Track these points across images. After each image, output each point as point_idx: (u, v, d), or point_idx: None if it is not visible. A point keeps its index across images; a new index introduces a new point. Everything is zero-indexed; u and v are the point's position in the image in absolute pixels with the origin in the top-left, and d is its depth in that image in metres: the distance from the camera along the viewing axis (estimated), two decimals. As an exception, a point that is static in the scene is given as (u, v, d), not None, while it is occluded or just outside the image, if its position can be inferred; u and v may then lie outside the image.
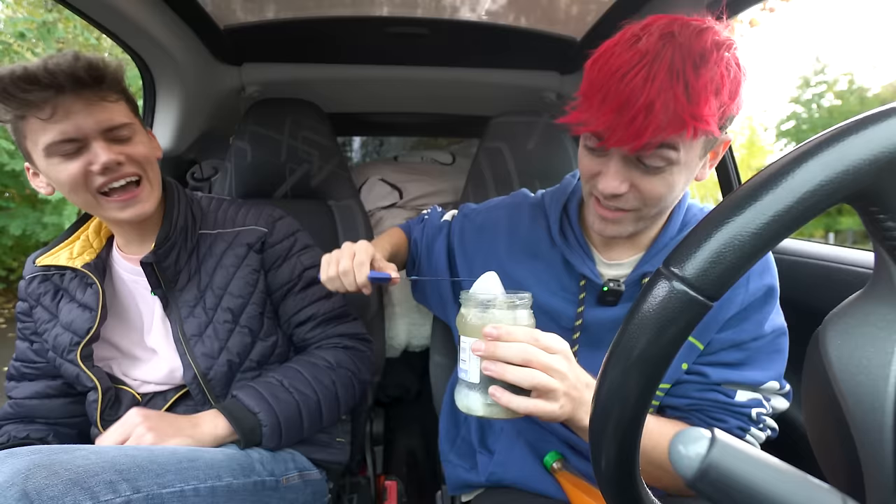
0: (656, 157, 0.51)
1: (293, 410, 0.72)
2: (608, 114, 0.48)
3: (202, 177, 1.40)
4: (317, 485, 0.79)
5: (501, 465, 0.71)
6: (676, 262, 0.24)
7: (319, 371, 0.76)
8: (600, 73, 0.49)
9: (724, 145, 0.56)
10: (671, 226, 0.63)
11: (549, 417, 0.48)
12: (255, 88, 1.28)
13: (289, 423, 0.71)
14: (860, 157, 0.21)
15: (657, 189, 0.54)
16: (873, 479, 0.22)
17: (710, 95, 0.46)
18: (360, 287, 0.65)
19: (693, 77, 0.46)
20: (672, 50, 0.46)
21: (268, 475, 0.68)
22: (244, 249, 0.78)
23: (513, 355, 0.46)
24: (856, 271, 0.76)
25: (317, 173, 1.16)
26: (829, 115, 10.19)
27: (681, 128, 0.47)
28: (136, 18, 0.90)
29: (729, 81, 0.47)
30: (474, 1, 1.04)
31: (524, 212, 0.74)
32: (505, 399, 0.47)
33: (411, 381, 1.58)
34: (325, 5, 1.05)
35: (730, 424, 0.58)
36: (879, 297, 0.24)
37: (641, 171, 0.53)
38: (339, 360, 0.79)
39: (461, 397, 0.52)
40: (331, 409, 0.76)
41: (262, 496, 0.67)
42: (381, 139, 2.22)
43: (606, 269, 0.66)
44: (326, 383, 0.76)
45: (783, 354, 0.59)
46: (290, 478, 0.72)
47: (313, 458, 0.80)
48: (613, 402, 0.26)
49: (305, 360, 0.78)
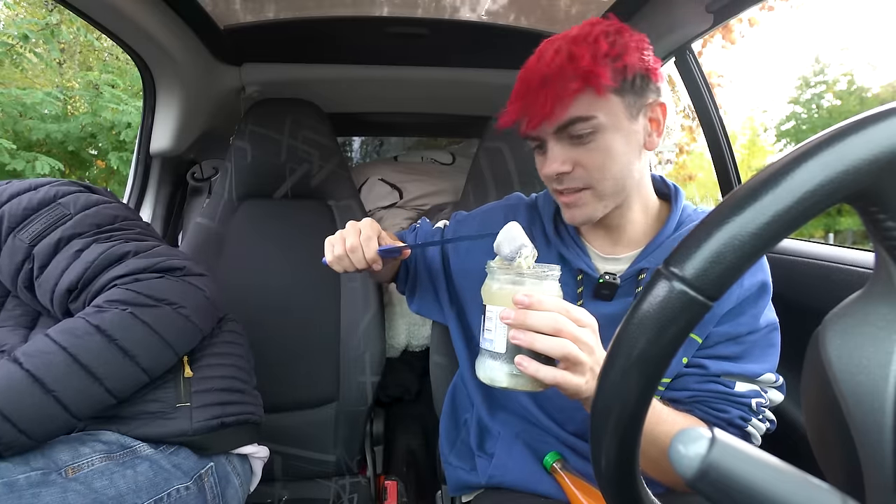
0: (579, 128, 0.57)
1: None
2: (518, 100, 0.59)
3: (202, 177, 1.40)
4: (154, 461, 0.62)
5: (501, 467, 0.71)
6: (676, 262, 0.24)
7: None
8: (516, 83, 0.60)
9: (662, 109, 0.61)
10: (668, 224, 0.64)
11: (574, 391, 0.47)
12: (255, 88, 1.28)
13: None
14: (860, 157, 0.21)
15: (596, 159, 0.58)
16: (873, 479, 0.22)
17: (593, 54, 0.55)
18: (369, 263, 0.64)
19: (574, 46, 0.56)
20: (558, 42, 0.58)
21: (27, 472, 0.53)
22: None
23: (544, 324, 0.45)
24: (856, 271, 0.76)
25: (317, 173, 1.16)
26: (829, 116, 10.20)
27: (575, 87, 0.55)
28: (135, 18, 0.91)
29: (611, 43, 0.56)
30: (474, 1, 1.04)
31: (521, 213, 0.75)
32: (533, 368, 0.46)
33: (411, 381, 1.58)
34: (325, 5, 1.05)
35: (732, 414, 0.58)
36: (879, 297, 0.24)
37: (576, 145, 0.59)
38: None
39: (484, 368, 0.50)
40: None
41: (20, 498, 0.50)
42: (381, 139, 2.22)
43: (603, 263, 0.67)
44: None
45: (776, 348, 0.61)
46: (83, 465, 0.57)
47: (138, 433, 0.63)
48: (613, 401, 0.26)
49: None
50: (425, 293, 0.85)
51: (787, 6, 4.57)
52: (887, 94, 9.47)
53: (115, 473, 0.58)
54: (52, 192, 0.67)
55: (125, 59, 5.10)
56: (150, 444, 0.63)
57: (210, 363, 0.72)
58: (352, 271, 0.66)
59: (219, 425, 0.68)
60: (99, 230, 0.67)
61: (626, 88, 0.57)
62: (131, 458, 0.60)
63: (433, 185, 1.53)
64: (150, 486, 0.60)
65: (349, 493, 1.00)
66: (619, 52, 0.56)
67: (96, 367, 0.58)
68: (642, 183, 0.65)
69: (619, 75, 0.56)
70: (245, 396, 0.75)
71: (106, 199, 0.72)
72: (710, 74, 1.73)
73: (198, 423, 0.65)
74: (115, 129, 4.17)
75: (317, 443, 1.06)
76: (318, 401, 1.07)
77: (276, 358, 1.02)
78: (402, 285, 0.88)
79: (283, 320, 1.07)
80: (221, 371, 0.72)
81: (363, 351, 1.08)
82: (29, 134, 3.93)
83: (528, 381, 0.48)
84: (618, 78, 0.56)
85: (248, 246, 1.10)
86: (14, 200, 0.65)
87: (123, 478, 0.58)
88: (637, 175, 0.62)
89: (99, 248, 0.65)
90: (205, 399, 0.68)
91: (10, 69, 4.26)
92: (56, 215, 0.65)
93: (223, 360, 0.74)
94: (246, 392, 0.76)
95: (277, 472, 1.04)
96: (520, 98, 0.59)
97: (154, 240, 0.72)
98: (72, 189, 0.69)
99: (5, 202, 0.65)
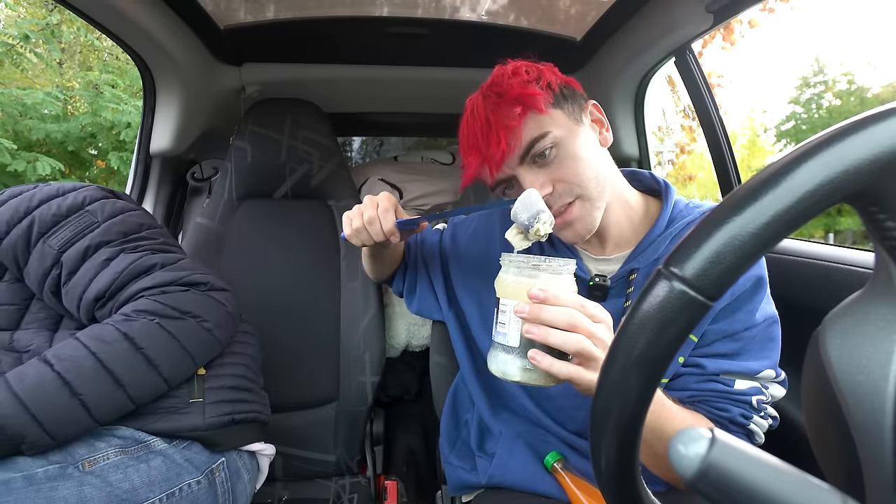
0: (539, 148, 0.59)
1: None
2: (474, 154, 0.61)
3: (202, 177, 1.40)
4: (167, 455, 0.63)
5: (501, 466, 0.71)
6: (676, 262, 0.24)
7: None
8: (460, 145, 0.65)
9: (595, 107, 0.66)
10: (659, 222, 0.64)
11: (587, 386, 0.46)
12: (255, 88, 1.28)
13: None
14: (860, 157, 0.21)
15: (570, 169, 0.60)
16: (873, 479, 0.22)
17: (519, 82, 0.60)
18: (387, 235, 0.64)
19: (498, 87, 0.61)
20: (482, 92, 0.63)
21: (45, 466, 0.54)
22: None
23: (558, 319, 0.45)
24: (856, 271, 0.76)
25: (317, 173, 1.16)
26: (829, 116, 10.19)
27: (519, 112, 0.58)
28: (135, 19, 0.91)
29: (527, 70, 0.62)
30: (474, 1, 1.04)
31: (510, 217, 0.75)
32: (546, 363, 0.46)
33: (411, 381, 1.58)
34: (325, 5, 1.05)
35: (733, 413, 0.58)
36: (879, 297, 0.24)
37: (544, 167, 0.61)
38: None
39: (497, 362, 0.50)
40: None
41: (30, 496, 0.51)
42: (381, 139, 2.22)
43: (594, 264, 0.68)
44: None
45: (776, 342, 0.60)
46: (98, 459, 0.58)
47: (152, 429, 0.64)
48: (613, 401, 0.26)
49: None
50: (424, 293, 0.85)
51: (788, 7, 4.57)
52: (887, 94, 9.47)
53: (129, 467, 0.59)
54: (80, 197, 0.69)
55: (125, 59, 5.10)
56: (164, 439, 0.64)
57: (222, 362, 0.73)
58: (370, 245, 0.67)
59: (230, 421, 0.69)
60: (125, 239, 0.69)
61: (560, 99, 0.62)
62: (145, 452, 0.62)
63: (433, 185, 1.53)
64: (163, 480, 0.61)
65: (349, 493, 1.00)
66: (538, 75, 0.62)
67: (122, 374, 0.60)
68: (616, 181, 0.66)
69: (548, 91, 0.61)
70: (253, 395, 0.76)
71: (131, 206, 0.75)
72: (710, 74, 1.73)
73: (210, 419, 0.67)
74: (115, 129, 4.16)
75: (317, 443, 1.06)
76: (318, 401, 1.07)
77: (276, 358, 1.02)
78: (399, 285, 0.87)
79: (283, 320, 1.07)
80: (233, 370, 0.74)
81: (363, 351, 1.08)
82: (29, 134, 3.93)
83: (541, 376, 0.48)
84: (549, 94, 0.61)
85: (248, 246, 1.10)
86: (44, 206, 0.67)
87: (137, 472, 0.60)
88: (608, 172, 0.64)
89: (127, 259, 0.67)
90: (217, 396, 0.69)
91: (11, 69, 4.26)
92: (84, 223, 0.67)
93: (235, 359, 0.76)
94: (254, 391, 0.77)
95: (278, 471, 1.04)
96: (473, 149, 0.61)
97: (178, 251, 0.75)
98: (98, 195, 0.71)
99: (35, 207, 0.67)
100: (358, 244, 0.67)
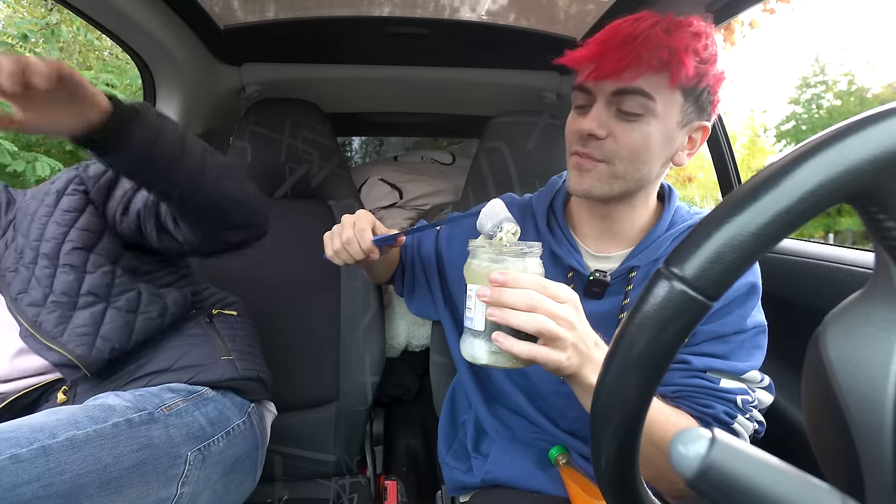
0: (635, 103, 0.56)
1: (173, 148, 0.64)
2: (597, 45, 0.56)
3: (202, 177, 1.40)
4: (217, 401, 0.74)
5: (496, 464, 0.72)
6: (676, 262, 0.24)
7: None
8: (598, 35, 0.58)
9: (704, 133, 0.61)
10: (661, 223, 0.64)
11: (554, 366, 0.47)
12: (255, 88, 1.28)
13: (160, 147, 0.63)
14: (860, 157, 0.21)
15: (633, 139, 0.57)
16: (873, 479, 0.22)
17: (688, 44, 0.54)
18: (366, 253, 0.64)
19: (674, 26, 0.55)
20: (660, 17, 0.56)
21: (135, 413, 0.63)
22: (54, 197, 0.76)
23: (518, 301, 0.45)
24: (856, 271, 0.76)
25: (317, 173, 1.16)
26: (829, 116, 10.19)
27: (657, 62, 0.54)
28: (135, 18, 0.91)
29: (704, 44, 0.55)
30: (474, 1, 1.04)
31: (514, 211, 0.75)
32: (508, 343, 0.46)
33: (411, 381, 1.58)
34: (325, 5, 1.05)
35: (717, 410, 0.58)
36: (879, 297, 0.24)
37: (620, 120, 0.58)
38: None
39: (466, 346, 0.51)
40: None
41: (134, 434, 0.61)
42: (381, 139, 2.22)
43: (594, 261, 0.67)
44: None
45: (762, 350, 0.60)
46: (172, 406, 0.68)
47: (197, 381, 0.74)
48: (613, 401, 0.26)
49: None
50: (422, 293, 0.85)
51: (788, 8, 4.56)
52: (887, 94, 9.47)
53: (195, 411, 0.70)
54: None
55: (125, 59, 5.09)
56: (211, 389, 0.75)
57: (234, 326, 0.86)
58: (352, 263, 0.67)
59: (255, 376, 0.81)
60: None
61: (692, 95, 0.57)
62: (201, 399, 0.72)
63: (433, 185, 1.53)
64: (220, 420, 0.72)
65: (349, 493, 1.00)
66: (708, 58, 0.56)
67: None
68: (654, 186, 0.65)
69: (696, 78, 0.56)
70: (258, 360, 0.87)
71: None
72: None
73: (243, 371, 0.79)
74: (114, 129, 4.16)
75: (317, 443, 1.06)
76: (318, 400, 1.07)
77: (276, 357, 1.02)
78: (399, 286, 0.88)
79: (283, 320, 1.07)
80: (243, 337, 0.86)
81: (363, 351, 1.08)
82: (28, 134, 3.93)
83: (508, 358, 0.48)
84: (693, 79, 0.55)
85: None
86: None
87: (203, 415, 0.70)
88: (655, 177, 0.62)
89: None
90: (240, 356, 0.82)
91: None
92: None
93: (243, 329, 0.87)
94: (259, 357, 0.88)
95: (277, 471, 1.04)
96: (599, 44, 0.56)
97: None
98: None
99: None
100: (340, 263, 0.67)
